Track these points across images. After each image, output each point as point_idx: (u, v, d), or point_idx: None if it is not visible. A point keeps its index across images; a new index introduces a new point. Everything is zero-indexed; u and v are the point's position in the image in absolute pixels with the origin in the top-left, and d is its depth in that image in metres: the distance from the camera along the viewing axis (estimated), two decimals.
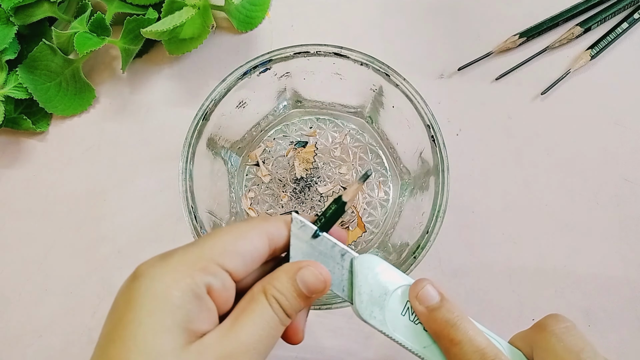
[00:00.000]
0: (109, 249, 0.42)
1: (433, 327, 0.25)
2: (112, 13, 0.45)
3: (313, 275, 0.24)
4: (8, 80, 0.43)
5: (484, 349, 0.24)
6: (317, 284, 0.24)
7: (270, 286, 0.24)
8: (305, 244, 0.25)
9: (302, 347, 0.39)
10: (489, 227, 0.42)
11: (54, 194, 0.44)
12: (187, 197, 0.34)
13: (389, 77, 0.35)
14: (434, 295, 0.25)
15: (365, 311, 0.25)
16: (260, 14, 0.47)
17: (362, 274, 0.25)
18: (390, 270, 0.26)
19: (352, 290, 0.25)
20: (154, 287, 0.22)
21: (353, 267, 0.26)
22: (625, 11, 0.46)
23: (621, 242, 0.41)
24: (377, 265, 0.26)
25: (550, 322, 0.25)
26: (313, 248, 0.25)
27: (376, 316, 0.25)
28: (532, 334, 0.26)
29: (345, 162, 0.42)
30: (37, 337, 0.41)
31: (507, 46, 0.45)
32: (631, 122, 0.44)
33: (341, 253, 0.26)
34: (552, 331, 0.25)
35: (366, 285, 0.25)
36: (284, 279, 0.24)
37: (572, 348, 0.24)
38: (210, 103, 0.35)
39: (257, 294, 0.24)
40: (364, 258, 0.26)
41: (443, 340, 0.25)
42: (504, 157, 0.43)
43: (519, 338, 0.26)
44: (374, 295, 0.25)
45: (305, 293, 0.24)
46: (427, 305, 0.25)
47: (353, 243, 0.40)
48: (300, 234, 0.25)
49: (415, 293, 0.25)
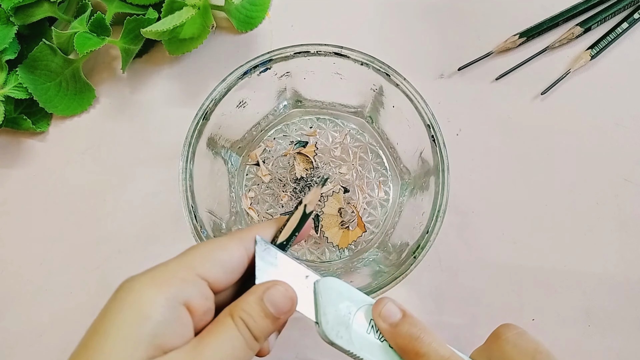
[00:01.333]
0: (109, 249, 0.42)
1: (398, 342, 0.25)
2: (112, 13, 0.45)
3: (280, 294, 0.24)
4: (8, 80, 0.43)
5: (449, 358, 0.24)
6: (285, 303, 0.24)
7: (237, 308, 0.24)
8: (270, 266, 0.25)
9: (302, 347, 0.39)
10: (489, 227, 0.42)
11: (54, 194, 0.44)
12: (187, 196, 0.34)
13: (389, 76, 0.35)
14: (395, 312, 0.26)
15: (331, 332, 0.25)
16: (260, 14, 0.47)
17: (326, 295, 0.26)
18: (352, 291, 0.27)
19: (317, 311, 0.25)
20: (129, 298, 0.22)
21: (316, 289, 0.26)
22: (625, 11, 0.46)
23: (621, 242, 0.41)
24: (340, 287, 0.26)
25: (503, 331, 0.26)
26: (278, 270, 0.26)
27: (343, 336, 0.25)
28: (488, 346, 0.26)
29: (345, 162, 0.42)
30: (37, 337, 0.41)
31: (507, 46, 0.45)
32: (631, 122, 0.44)
33: (305, 275, 0.26)
34: (505, 338, 0.25)
35: (330, 306, 0.26)
36: (251, 300, 0.24)
37: (526, 351, 0.25)
38: (211, 103, 0.35)
39: (224, 316, 0.24)
40: (326, 280, 0.26)
41: (409, 354, 0.25)
42: (504, 157, 0.43)
43: (477, 352, 0.27)
44: (339, 315, 0.25)
45: (273, 313, 0.24)
46: (390, 322, 0.26)
47: (353, 243, 0.40)
48: (265, 255, 0.26)
49: (378, 311, 0.26)
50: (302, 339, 0.40)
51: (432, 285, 0.41)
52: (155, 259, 0.41)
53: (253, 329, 0.23)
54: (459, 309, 0.40)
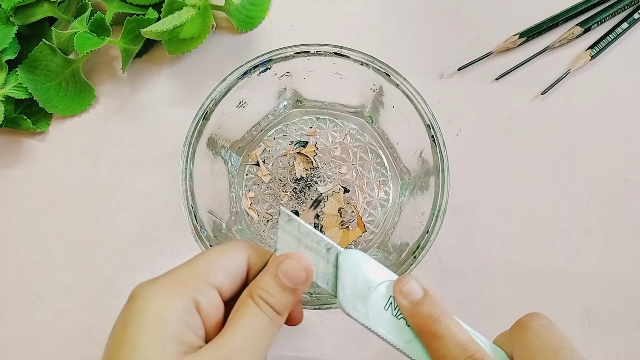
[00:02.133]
0: (109, 249, 0.42)
1: (416, 322, 0.25)
2: (112, 13, 0.45)
3: (293, 266, 0.25)
4: (8, 80, 0.43)
5: (465, 344, 0.24)
6: (299, 274, 0.25)
7: (255, 287, 0.24)
8: (291, 238, 0.26)
9: (302, 347, 0.39)
10: (489, 227, 0.42)
11: (54, 194, 0.44)
12: (187, 196, 0.34)
13: (389, 77, 0.35)
14: (417, 290, 0.26)
15: (348, 304, 0.25)
16: (260, 14, 0.47)
17: (346, 268, 0.26)
18: (375, 265, 0.27)
19: (337, 283, 0.26)
20: (147, 305, 0.23)
21: (338, 262, 0.26)
22: (625, 11, 0.46)
23: (621, 242, 0.41)
24: (362, 260, 0.26)
25: (529, 320, 0.25)
26: (299, 242, 0.26)
27: (359, 309, 0.25)
28: (512, 333, 0.26)
29: (345, 162, 0.42)
30: (37, 337, 0.41)
31: (507, 46, 0.45)
32: (631, 122, 0.44)
33: (327, 247, 0.26)
34: (530, 328, 0.25)
35: (350, 279, 0.26)
36: (267, 278, 0.25)
37: (550, 345, 0.24)
38: (211, 103, 0.35)
39: (244, 298, 0.24)
40: (349, 253, 0.26)
41: (425, 334, 0.25)
42: (504, 157, 0.43)
43: (500, 337, 0.27)
44: (357, 289, 0.25)
45: (290, 286, 0.24)
46: (410, 300, 0.25)
47: (353, 243, 0.40)
48: (287, 227, 0.26)
49: (400, 287, 0.26)
50: (302, 339, 0.40)
51: (432, 285, 0.40)
52: (155, 259, 0.42)
53: (274, 304, 0.24)
54: (459, 309, 0.40)
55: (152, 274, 0.25)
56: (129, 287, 0.25)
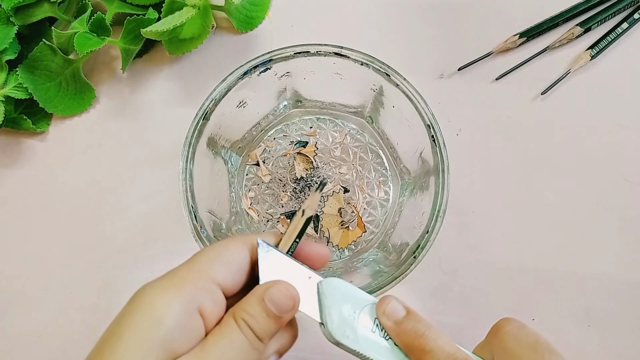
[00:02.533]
0: (109, 249, 0.42)
1: (403, 340, 0.25)
2: (112, 13, 0.45)
3: (281, 293, 0.24)
4: (8, 80, 0.43)
5: (455, 354, 0.25)
6: (286, 302, 0.24)
7: (239, 309, 0.24)
8: (273, 268, 0.25)
9: (302, 347, 0.39)
10: (489, 227, 0.42)
11: (54, 194, 0.44)
12: (187, 196, 0.34)
13: (389, 77, 0.35)
14: (399, 309, 0.26)
15: (337, 332, 0.25)
16: (260, 14, 0.47)
17: (330, 295, 0.26)
18: (355, 290, 0.27)
19: (322, 312, 0.26)
20: (142, 304, 0.23)
21: (320, 290, 0.26)
22: (625, 11, 0.46)
23: (621, 242, 0.41)
24: (343, 287, 0.26)
25: (503, 324, 0.26)
26: (281, 272, 0.26)
27: (349, 335, 0.25)
28: (489, 340, 0.26)
29: (345, 162, 0.42)
30: (37, 337, 0.41)
31: (507, 46, 0.45)
32: (631, 122, 0.44)
33: (308, 276, 0.26)
34: (506, 332, 0.26)
35: (335, 306, 0.26)
36: (252, 301, 0.24)
37: (527, 343, 0.25)
38: (211, 103, 0.35)
39: (227, 317, 0.24)
40: (330, 281, 0.26)
41: (414, 351, 0.25)
42: (504, 157, 0.43)
43: (478, 348, 0.27)
44: (344, 315, 0.25)
45: (275, 313, 0.24)
46: (394, 320, 0.26)
47: (353, 243, 0.40)
48: (267, 258, 0.26)
49: (382, 309, 0.26)
50: (302, 339, 0.39)
51: (432, 285, 0.41)
52: (155, 259, 0.42)
53: (256, 329, 0.24)
54: (459, 309, 0.40)
55: (152, 274, 0.25)
56: (129, 287, 0.24)
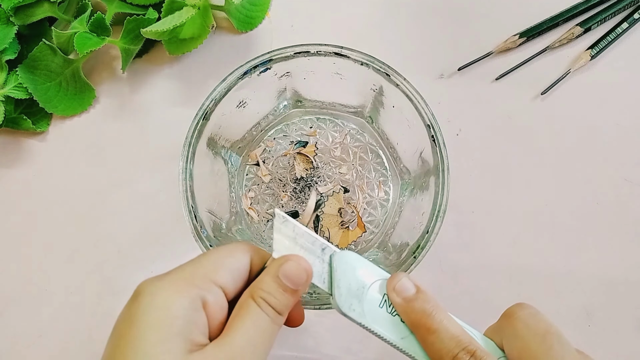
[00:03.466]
0: (109, 249, 0.42)
1: (410, 318, 0.26)
2: (112, 13, 0.45)
3: (294, 268, 0.25)
4: (8, 80, 0.43)
5: (459, 336, 0.25)
6: (300, 275, 0.25)
7: (256, 288, 0.25)
8: (287, 239, 0.26)
9: (302, 347, 0.39)
10: (489, 227, 0.42)
11: (54, 194, 0.44)
12: (187, 196, 0.34)
13: (389, 77, 0.35)
14: (410, 287, 0.26)
15: (344, 304, 0.26)
16: (260, 14, 0.47)
17: (340, 268, 0.26)
18: (368, 265, 0.27)
19: (332, 283, 0.26)
20: (154, 301, 0.23)
21: (332, 262, 0.27)
22: (625, 11, 0.46)
23: (621, 242, 0.41)
24: (355, 261, 0.27)
25: (516, 310, 0.26)
26: (295, 243, 0.26)
27: (355, 309, 0.26)
28: (500, 324, 0.27)
29: (345, 162, 0.42)
30: (37, 337, 0.41)
31: (507, 46, 0.45)
32: (631, 122, 0.44)
33: (322, 247, 0.27)
34: (518, 317, 0.26)
35: (345, 279, 0.26)
36: (267, 279, 0.25)
37: (537, 331, 0.25)
38: (211, 103, 0.35)
39: (246, 299, 0.25)
40: (343, 254, 0.27)
41: (420, 329, 0.25)
42: (504, 157, 0.43)
43: (490, 329, 0.27)
44: (353, 289, 0.26)
45: (290, 286, 0.25)
46: (404, 297, 0.26)
47: (353, 243, 0.40)
48: (282, 228, 0.26)
49: (393, 285, 0.26)
50: (302, 339, 0.40)
51: (432, 286, 0.40)
52: (155, 258, 0.42)
53: (275, 305, 0.24)
54: (459, 309, 0.40)
55: (152, 274, 0.25)
56: (129, 287, 0.25)
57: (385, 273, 0.27)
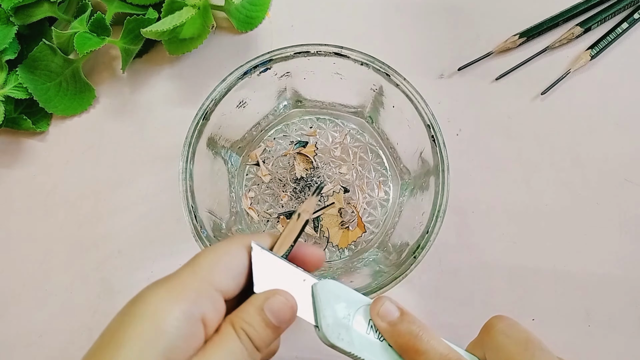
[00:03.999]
0: (109, 249, 0.42)
1: (397, 341, 0.26)
2: (112, 13, 0.45)
3: (280, 303, 0.24)
4: (8, 80, 0.43)
5: (448, 355, 0.25)
6: (286, 312, 0.24)
7: (238, 318, 0.24)
8: (267, 272, 0.25)
9: (302, 347, 0.39)
10: (489, 227, 0.42)
11: (54, 194, 0.44)
12: (187, 196, 0.34)
13: (389, 77, 0.35)
14: (393, 310, 0.26)
15: (332, 334, 0.25)
16: (260, 14, 0.47)
17: (324, 298, 0.26)
18: (350, 292, 0.27)
19: (317, 314, 0.26)
20: (145, 312, 0.23)
21: (314, 292, 0.26)
22: (625, 11, 0.46)
23: (621, 242, 0.41)
24: (338, 289, 0.26)
25: (495, 322, 0.26)
26: (275, 275, 0.26)
27: (343, 338, 0.25)
28: (481, 338, 0.27)
29: (345, 162, 0.42)
30: (37, 337, 0.41)
31: (507, 46, 0.45)
32: (631, 122, 0.44)
33: (302, 279, 0.26)
34: (498, 329, 0.26)
35: (330, 308, 0.26)
36: (251, 311, 0.24)
37: (518, 340, 0.25)
38: (211, 103, 0.35)
39: (225, 326, 0.24)
40: (324, 283, 0.26)
41: (409, 352, 0.25)
42: (504, 157, 0.43)
43: (471, 345, 0.27)
44: (338, 317, 0.26)
45: (274, 323, 0.24)
46: (388, 321, 0.26)
47: (353, 243, 0.40)
48: (261, 261, 0.25)
49: (376, 311, 0.26)
50: (302, 339, 0.40)
51: (432, 285, 0.41)
52: (155, 259, 0.42)
53: (254, 339, 0.24)
54: (459, 309, 0.40)
55: (152, 274, 0.25)
56: (129, 287, 0.24)
57: (367, 299, 0.27)
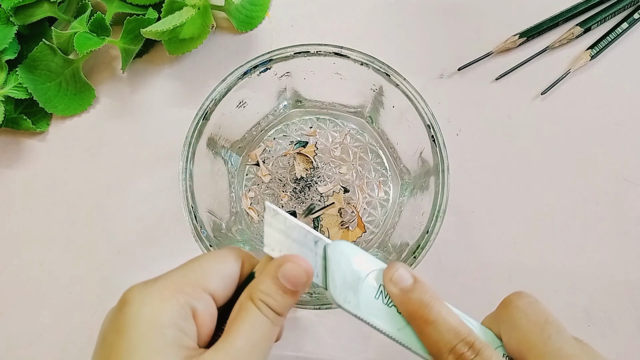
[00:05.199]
0: (109, 249, 0.42)
1: (407, 308, 0.25)
2: (112, 13, 0.45)
3: (294, 269, 0.24)
4: (8, 80, 0.43)
5: (457, 328, 0.24)
6: (300, 276, 0.24)
7: (256, 290, 0.24)
8: (278, 232, 0.25)
9: (302, 347, 0.39)
10: (489, 227, 0.42)
11: (54, 194, 0.44)
12: (187, 196, 0.34)
13: (389, 77, 0.35)
14: (407, 277, 0.26)
15: (339, 296, 0.25)
16: (260, 14, 0.47)
17: (335, 259, 0.26)
18: (363, 255, 0.26)
19: (326, 276, 0.25)
20: (143, 311, 0.22)
21: (326, 254, 0.26)
22: (625, 11, 0.46)
23: (621, 242, 0.41)
24: (350, 251, 0.26)
25: (514, 298, 0.26)
26: (286, 236, 0.25)
27: (350, 300, 0.25)
28: (499, 312, 0.26)
29: (345, 162, 0.42)
30: (37, 337, 0.41)
31: (507, 46, 0.45)
32: (631, 122, 0.44)
33: (314, 240, 0.26)
34: (516, 306, 0.25)
35: (339, 270, 0.25)
36: (267, 281, 0.24)
37: (536, 320, 0.24)
38: (211, 103, 0.35)
39: (245, 301, 0.24)
40: (337, 244, 0.26)
41: (417, 320, 0.25)
42: (504, 157, 0.43)
43: (488, 318, 0.27)
44: (347, 280, 0.25)
45: (290, 288, 0.24)
46: (401, 287, 0.25)
47: (353, 243, 0.40)
48: (273, 222, 0.25)
49: (389, 276, 0.26)
50: (302, 339, 0.40)
51: (432, 285, 0.40)
52: (155, 259, 0.42)
53: (275, 307, 0.24)
54: (459, 309, 0.40)
55: (152, 274, 0.25)
56: (129, 287, 0.24)
57: (382, 263, 0.27)
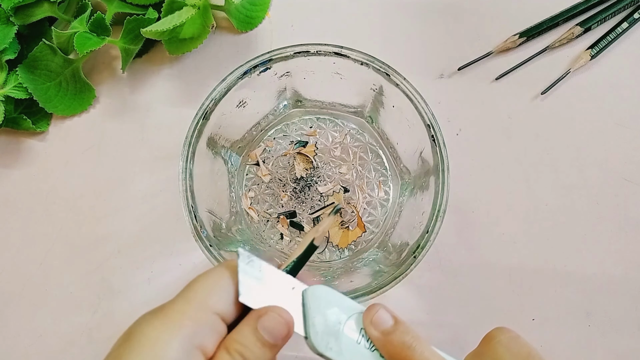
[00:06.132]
0: (109, 249, 0.42)
1: (390, 351, 0.25)
2: (112, 13, 0.45)
3: (275, 321, 0.23)
4: (8, 80, 0.43)
5: None
6: (281, 329, 0.23)
7: (232, 341, 0.23)
8: (254, 280, 0.24)
9: (302, 347, 0.39)
10: (489, 227, 0.42)
11: (54, 194, 0.44)
12: (187, 196, 0.34)
13: (389, 76, 0.35)
14: (387, 319, 0.25)
15: (320, 343, 0.24)
16: (260, 14, 0.47)
17: (314, 305, 0.25)
18: (342, 298, 0.26)
19: (306, 322, 0.25)
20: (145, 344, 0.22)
21: (304, 299, 0.25)
22: (625, 11, 0.46)
23: (621, 242, 0.41)
24: (328, 295, 0.25)
25: (497, 334, 0.26)
26: (262, 284, 0.24)
27: (332, 347, 0.24)
28: (481, 349, 0.26)
29: (345, 161, 0.42)
30: (37, 337, 0.41)
31: (507, 46, 0.45)
32: (631, 122, 0.44)
33: (292, 286, 0.25)
34: (498, 341, 0.25)
35: (319, 316, 0.25)
36: (245, 331, 0.23)
37: (519, 354, 0.24)
38: (211, 102, 0.35)
39: (220, 351, 0.23)
40: (315, 289, 0.25)
41: None
42: (504, 157, 0.43)
43: (470, 356, 0.26)
44: (328, 326, 0.24)
45: (270, 341, 0.23)
46: (381, 330, 0.25)
47: (353, 243, 0.40)
48: (248, 269, 0.24)
49: (369, 319, 0.25)
50: (302, 339, 0.40)
51: (432, 285, 0.41)
52: (155, 259, 0.42)
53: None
54: (459, 309, 0.40)
55: (152, 274, 0.25)
56: (129, 287, 0.24)
57: (361, 306, 0.26)
